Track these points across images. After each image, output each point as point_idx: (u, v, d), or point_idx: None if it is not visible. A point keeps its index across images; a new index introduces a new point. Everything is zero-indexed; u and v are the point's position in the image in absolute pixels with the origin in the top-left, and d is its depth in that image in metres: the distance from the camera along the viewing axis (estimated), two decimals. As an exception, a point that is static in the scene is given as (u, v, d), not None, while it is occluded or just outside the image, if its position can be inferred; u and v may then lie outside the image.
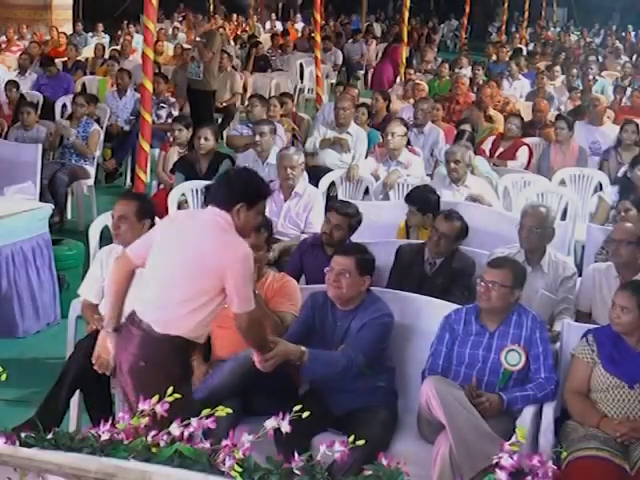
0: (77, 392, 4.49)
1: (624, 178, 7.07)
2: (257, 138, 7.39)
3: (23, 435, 2.56)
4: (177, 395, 2.65)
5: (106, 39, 18.47)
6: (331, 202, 6.21)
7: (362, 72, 18.37)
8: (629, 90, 12.29)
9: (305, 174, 6.79)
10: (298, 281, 4.98)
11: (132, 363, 3.62)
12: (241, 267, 3.56)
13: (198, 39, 10.28)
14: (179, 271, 3.62)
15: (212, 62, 10.63)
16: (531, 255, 5.02)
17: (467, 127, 8.48)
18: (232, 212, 3.62)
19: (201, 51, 10.34)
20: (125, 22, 20.09)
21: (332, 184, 7.66)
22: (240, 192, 3.65)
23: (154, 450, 2.50)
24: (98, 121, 9.41)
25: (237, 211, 3.61)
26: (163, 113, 10.24)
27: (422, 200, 5.72)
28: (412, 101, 10.56)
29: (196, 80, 10.56)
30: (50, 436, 2.57)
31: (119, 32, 19.37)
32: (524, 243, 5.05)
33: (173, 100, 10.56)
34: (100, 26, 19.24)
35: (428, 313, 4.44)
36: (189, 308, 3.59)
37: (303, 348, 3.96)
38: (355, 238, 5.29)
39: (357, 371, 4.08)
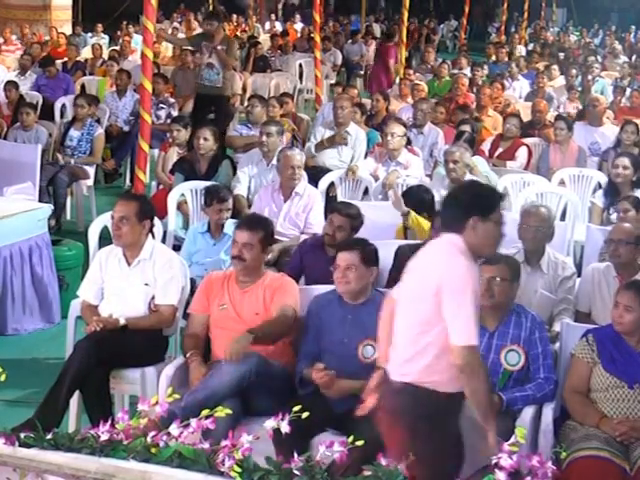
0: (76, 392, 4.48)
1: (608, 181, 7.11)
2: (264, 138, 7.36)
3: (23, 435, 2.56)
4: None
5: (105, 39, 18.47)
6: (333, 203, 6.20)
7: (362, 72, 18.41)
8: (628, 90, 12.29)
9: (305, 174, 6.79)
10: (297, 282, 4.98)
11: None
12: (458, 285, 3.15)
13: (219, 47, 10.12)
14: (405, 311, 3.34)
15: (231, 69, 10.51)
16: (531, 255, 5.02)
17: (467, 128, 8.48)
18: (466, 230, 3.24)
19: (224, 59, 10.02)
20: (124, 22, 20.08)
21: (331, 184, 7.66)
22: (470, 205, 3.27)
23: (153, 450, 2.50)
24: (98, 122, 9.42)
25: (472, 227, 3.23)
26: (162, 113, 10.23)
27: (416, 200, 5.72)
28: (410, 101, 10.58)
29: (214, 87, 10.09)
30: (50, 436, 2.57)
31: (118, 32, 19.37)
32: (529, 244, 5.03)
33: (172, 100, 10.56)
34: (99, 27, 19.23)
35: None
36: (412, 350, 3.24)
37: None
38: (354, 239, 5.28)
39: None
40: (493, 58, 16.22)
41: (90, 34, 19.03)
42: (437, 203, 5.76)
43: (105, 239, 5.54)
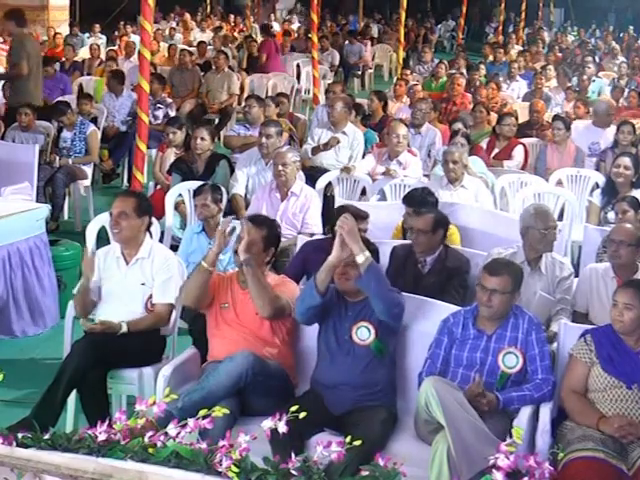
0: (74, 392, 4.48)
1: (607, 180, 7.11)
2: (263, 140, 7.34)
3: (20, 436, 2.56)
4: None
5: (102, 40, 18.45)
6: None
7: (359, 72, 18.43)
8: (626, 91, 12.28)
9: (302, 174, 6.79)
10: (298, 283, 4.96)
11: None
12: None
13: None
14: None
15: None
16: (532, 256, 5.01)
17: (459, 125, 8.44)
18: None
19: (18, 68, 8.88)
20: (122, 23, 20.06)
21: (329, 184, 7.66)
22: None
23: (151, 451, 2.50)
24: (94, 120, 9.39)
25: None
26: (160, 114, 10.23)
27: (419, 202, 5.70)
28: (405, 101, 10.59)
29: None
30: (47, 437, 2.57)
31: (116, 33, 19.35)
32: (547, 247, 5.02)
33: (170, 101, 10.55)
34: (97, 27, 19.22)
35: (424, 313, 4.43)
36: None
37: (367, 253, 4.06)
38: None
39: (368, 356, 4.17)
40: (490, 58, 16.23)
41: (87, 34, 19.01)
42: (439, 204, 5.75)
43: (103, 239, 5.53)
